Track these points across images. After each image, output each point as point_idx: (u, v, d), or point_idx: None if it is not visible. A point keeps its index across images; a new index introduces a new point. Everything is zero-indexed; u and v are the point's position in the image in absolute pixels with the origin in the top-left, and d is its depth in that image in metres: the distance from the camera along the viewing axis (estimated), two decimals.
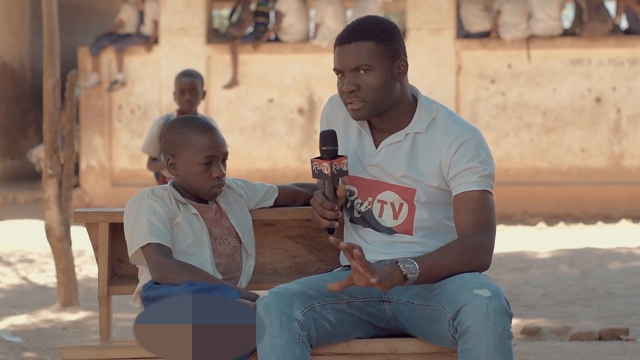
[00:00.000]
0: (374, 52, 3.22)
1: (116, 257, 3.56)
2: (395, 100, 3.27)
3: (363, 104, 3.23)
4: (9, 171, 16.50)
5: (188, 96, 6.86)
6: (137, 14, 15.11)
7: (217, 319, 2.88)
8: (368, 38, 3.22)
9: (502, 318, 2.97)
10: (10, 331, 6.64)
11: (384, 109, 3.26)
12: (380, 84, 3.22)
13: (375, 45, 3.22)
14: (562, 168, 13.96)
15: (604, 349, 5.62)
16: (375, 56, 3.22)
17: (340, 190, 3.28)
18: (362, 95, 3.23)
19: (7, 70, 16.47)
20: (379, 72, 3.22)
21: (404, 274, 3.02)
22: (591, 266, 8.99)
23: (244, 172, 13.75)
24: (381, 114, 3.27)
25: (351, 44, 3.23)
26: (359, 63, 3.22)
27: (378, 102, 3.23)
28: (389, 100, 3.25)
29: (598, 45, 13.85)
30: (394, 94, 3.25)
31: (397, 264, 3.04)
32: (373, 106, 3.23)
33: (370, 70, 3.22)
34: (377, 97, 3.22)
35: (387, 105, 3.25)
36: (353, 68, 3.23)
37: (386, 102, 3.24)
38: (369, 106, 3.23)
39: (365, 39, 3.22)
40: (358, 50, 3.22)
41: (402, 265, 3.03)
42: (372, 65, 3.21)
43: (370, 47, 3.22)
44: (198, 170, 3.34)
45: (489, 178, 3.21)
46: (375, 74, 3.22)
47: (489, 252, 3.16)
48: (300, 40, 14.54)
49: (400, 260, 3.05)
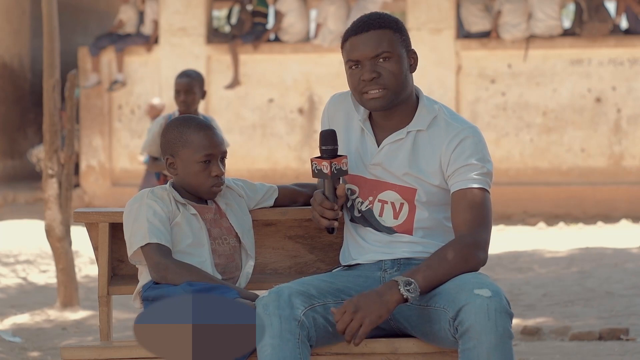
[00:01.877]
0: (393, 40, 3.23)
1: (116, 257, 3.56)
2: (408, 94, 3.28)
3: (385, 92, 3.22)
4: (9, 171, 16.50)
5: (183, 97, 6.86)
6: (137, 14, 15.11)
7: (216, 319, 2.88)
8: (386, 27, 3.24)
9: (502, 318, 2.96)
10: (11, 331, 6.64)
11: (399, 100, 3.26)
12: (400, 72, 3.23)
13: (393, 33, 3.24)
14: (562, 168, 13.97)
15: (604, 349, 5.62)
16: (394, 44, 3.23)
17: (340, 189, 3.28)
18: (384, 82, 3.22)
19: (7, 70, 16.47)
20: (399, 59, 3.23)
21: (405, 297, 3.02)
22: (591, 266, 8.99)
23: (244, 172, 13.75)
24: (392, 107, 3.27)
25: (369, 32, 3.23)
26: (380, 50, 3.22)
27: (398, 90, 3.24)
28: (405, 91, 3.26)
29: (598, 45, 13.85)
30: (409, 85, 3.27)
31: (397, 287, 3.03)
32: (394, 93, 3.23)
33: (390, 57, 3.22)
34: (397, 84, 3.23)
35: (403, 95, 3.26)
36: (373, 56, 3.22)
37: (403, 92, 3.25)
38: (390, 93, 3.23)
39: (383, 27, 3.24)
40: (378, 38, 3.23)
41: (402, 289, 3.03)
42: (393, 53, 3.23)
43: (389, 35, 3.24)
44: (197, 169, 3.34)
45: (486, 176, 3.21)
46: (394, 61, 3.23)
47: (483, 248, 3.16)
48: (301, 40, 14.55)
49: (399, 283, 3.03)
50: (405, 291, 3.01)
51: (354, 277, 3.27)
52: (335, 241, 3.59)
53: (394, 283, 3.03)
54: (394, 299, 3.01)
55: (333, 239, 3.59)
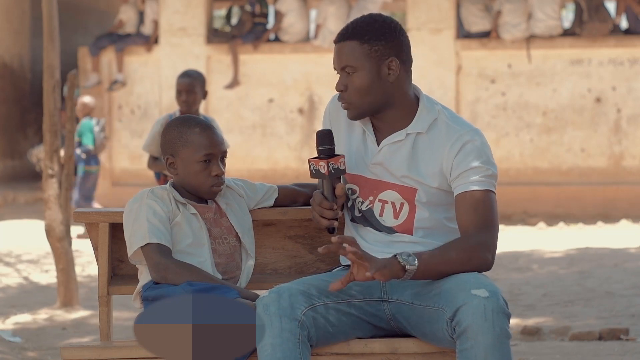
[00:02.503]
0: (357, 53, 3.20)
1: (116, 257, 3.56)
2: (389, 101, 3.24)
3: (349, 105, 3.23)
4: (9, 171, 16.50)
5: (185, 97, 6.86)
6: (137, 14, 15.10)
7: (217, 319, 2.88)
8: (352, 38, 3.20)
9: (499, 318, 2.96)
10: (11, 331, 6.64)
11: (375, 109, 3.24)
12: (364, 86, 3.20)
13: (358, 45, 3.20)
14: (562, 168, 13.97)
15: (604, 349, 5.62)
16: (358, 57, 3.20)
17: (339, 188, 3.27)
18: (347, 97, 3.22)
19: (7, 70, 16.47)
20: (363, 73, 3.20)
21: (403, 265, 3.02)
22: (591, 266, 8.99)
23: (244, 172, 13.75)
24: (377, 114, 3.26)
25: (340, 44, 3.23)
26: (343, 64, 3.22)
27: (364, 104, 3.22)
28: (378, 102, 3.22)
29: (598, 45, 13.85)
30: (384, 95, 3.22)
31: (395, 255, 3.04)
32: (358, 108, 3.23)
33: (354, 71, 3.20)
34: (361, 98, 3.21)
35: (377, 106, 3.23)
36: (341, 68, 3.23)
37: (374, 103, 3.22)
38: (354, 107, 3.23)
39: (349, 38, 3.21)
40: (344, 50, 3.22)
41: (401, 257, 3.03)
42: (356, 66, 3.20)
43: (352, 47, 3.20)
44: (197, 169, 3.35)
45: (491, 178, 3.20)
46: (359, 75, 3.20)
47: (490, 250, 3.15)
48: (301, 40, 14.54)
49: (399, 253, 3.05)
50: (403, 260, 3.02)
51: None
52: None
53: (393, 256, 3.04)
54: (395, 268, 3.02)
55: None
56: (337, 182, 3.29)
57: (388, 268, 3.01)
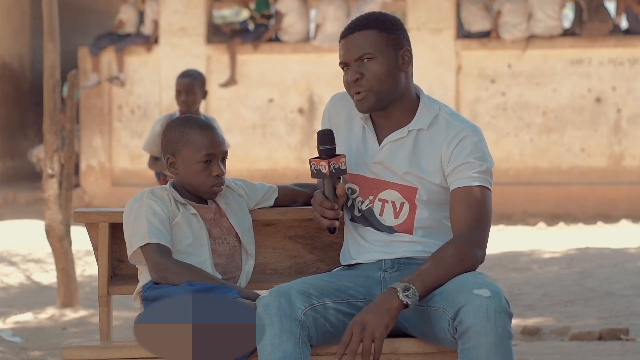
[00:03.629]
0: (376, 41, 3.24)
1: (116, 257, 3.56)
2: (400, 93, 3.27)
3: (367, 93, 3.24)
4: (9, 171, 16.50)
5: (184, 97, 6.87)
6: (137, 14, 15.11)
7: (217, 319, 2.88)
8: (370, 27, 3.25)
9: (502, 318, 2.96)
10: (11, 331, 6.64)
11: (388, 101, 3.26)
12: (383, 72, 3.23)
13: (377, 33, 3.24)
14: (562, 168, 13.96)
15: (604, 349, 5.62)
16: (378, 44, 3.24)
17: (340, 188, 3.28)
18: (366, 83, 3.24)
19: (7, 70, 16.47)
20: (382, 60, 3.23)
21: (405, 303, 3.01)
22: (591, 266, 8.99)
23: (244, 172, 13.75)
24: (385, 107, 3.27)
25: (354, 34, 3.26)
26: (362, 52, 3.24)
27: (382, 91, 3.24)
28: (394, 91, 3.25)
29: (598, 45, 13.85)
30: (399, 85, 3.26)
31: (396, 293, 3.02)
32: (377, 94, 3.24)
33: (373, 58, 3.23)
34: (381, 85, 3.23)
35: (392, 96, 3.26)
36: (357, 58, 3.24)
37: (391, 92, 3.25)
38: (374, 95, 3.24)
39: (367, 28, 3.25)
40: (361, 40, 3.24)
41: (402, 294, 3.01)
42: (375, 54, 3.23)
43: (372, 35, 3.24)
44: (198, 169, 3.35)
45: (485, 173, 3.21)
46: (378, 62, 3.23)
47: (480, 246, 3.15)
48: (301, 40, 14.54)
49: (395, 288, 3.03)
50: (405, 297, 3.01)
51: (354, 276, 3.27)
52: (335, 241, 3.59)
53: (393, 290, 3.02)
54: (394, 306, 3.01)
55: (333, 239, 3.59)
56: (338, 182, 3.29)
57: (395, 316, 3.00)
